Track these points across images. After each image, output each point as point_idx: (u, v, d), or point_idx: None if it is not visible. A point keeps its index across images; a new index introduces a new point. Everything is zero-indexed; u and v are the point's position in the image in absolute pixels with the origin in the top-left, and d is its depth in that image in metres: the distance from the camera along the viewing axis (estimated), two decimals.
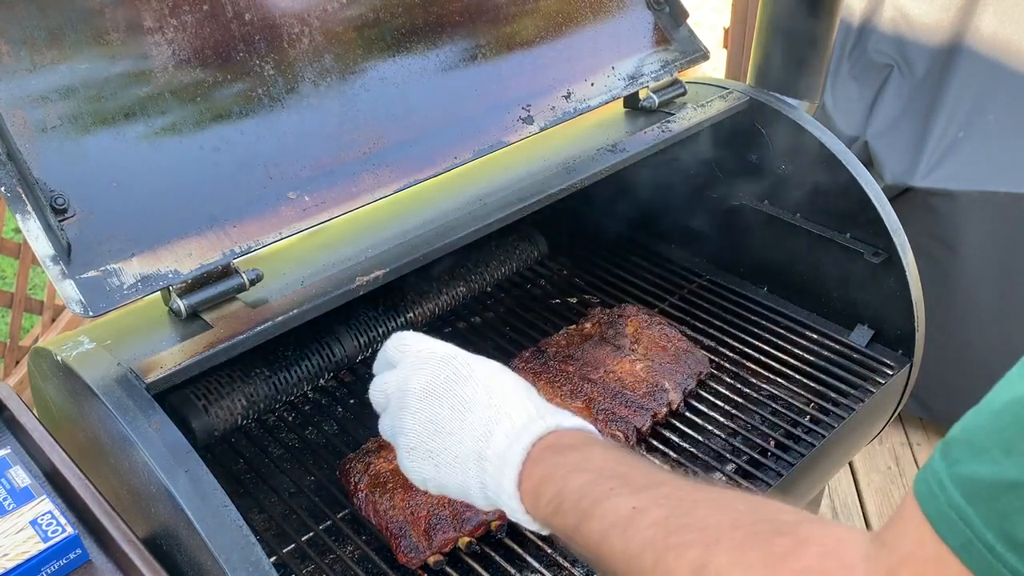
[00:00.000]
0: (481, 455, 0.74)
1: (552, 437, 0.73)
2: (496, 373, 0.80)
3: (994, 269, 2.20)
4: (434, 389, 0.79)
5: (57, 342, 0.94)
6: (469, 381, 0.78)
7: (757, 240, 1.61)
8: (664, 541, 0.61)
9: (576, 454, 0.71)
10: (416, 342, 0.83)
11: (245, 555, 0.78)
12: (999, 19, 2.26)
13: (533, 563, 1.08)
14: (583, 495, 0.67)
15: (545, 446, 0.72)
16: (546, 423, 0.74)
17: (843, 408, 1.34)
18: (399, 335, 0.85)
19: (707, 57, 1.48)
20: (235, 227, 0.96)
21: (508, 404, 0.76)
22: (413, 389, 0.79)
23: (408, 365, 0.82)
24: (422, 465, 0.79)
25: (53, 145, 0.88)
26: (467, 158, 1.15)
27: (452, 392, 0.78)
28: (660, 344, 1.36)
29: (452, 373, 0.79)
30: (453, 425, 0.76)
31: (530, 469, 0.72)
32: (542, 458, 0.72)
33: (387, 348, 0.85)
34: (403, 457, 0.81)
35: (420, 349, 0.82)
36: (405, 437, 0.80)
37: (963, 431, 0.51)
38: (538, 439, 0.73)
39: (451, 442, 0.76)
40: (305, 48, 1.07)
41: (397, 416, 0.80)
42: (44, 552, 0.81)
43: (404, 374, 0.81)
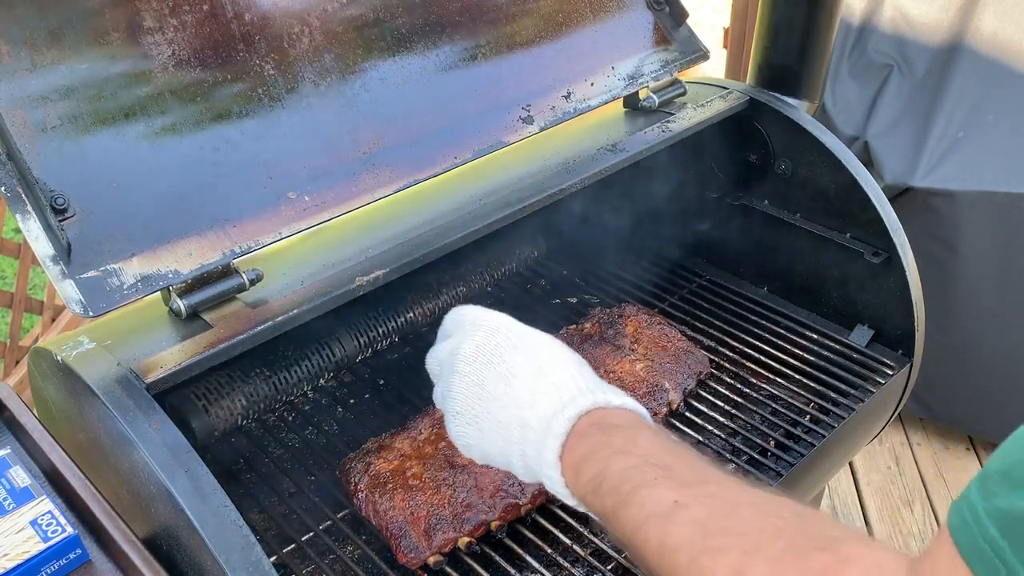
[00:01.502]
0: (524, 422, 0.74)
1: (599, 413, 0.72)
2: (548, 344, 0.80)
3: (994, 269, 2.20)
4: (483, 354, 0.79)
5: (57, 342, 0.94)
6: (519, 349, 0.78)
7: (757, 240, 1.61)
8: (703, 542, 0.60)
9: (622, 435, 0.70)
10: (472, 312, 0.85)
11: (245, 555, 0.78)
12: (999, 19, 2.26)
13: (533, 563, 1.08)
14: (624, 479, 0.66)
15: (591, 422, 0.71)
16: (595, 398, 0.73)
17: (843, 408, 1.34)
18: (457, 308, 0.87)
19: (707, 57, 1.48)
20: (235, 227, 0.96)
21: (556, 374, 0.75)
22: (463, 353, 0.80)
23: (461, 332, 0.82)
24: (467, 429, 0.79)
25: (53, 145, 0.88)
26: (467, 158, 1.15)
27: (501, 358, 0.78)
28: (660, 344, 1.36)
29: (503, 340, 0.79)
30: (499, 390, 0.76)
31: (574, 443, 0.71)
32: (587, 433, 0.71)
33: (445, 321, 0.87)
34: (449, 422, 0.81)
35: (475, 317, 0.83)
36: (452, 400, 0.80)
37: (1001, 463, 0.49)
38: (585, 412, 0.72)
39: (496, 407, 0.76)
40: (305, 48, 1.07)
41: (447, 381, 0.81)
42: (44, 552, 0.81)
43: (456, 340, 0.82)
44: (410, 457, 1.15)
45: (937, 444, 2.67)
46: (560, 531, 1.12)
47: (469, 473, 1.12)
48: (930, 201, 2.17)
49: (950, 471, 2.58)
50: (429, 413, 1.24)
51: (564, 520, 1.14)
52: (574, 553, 1.11)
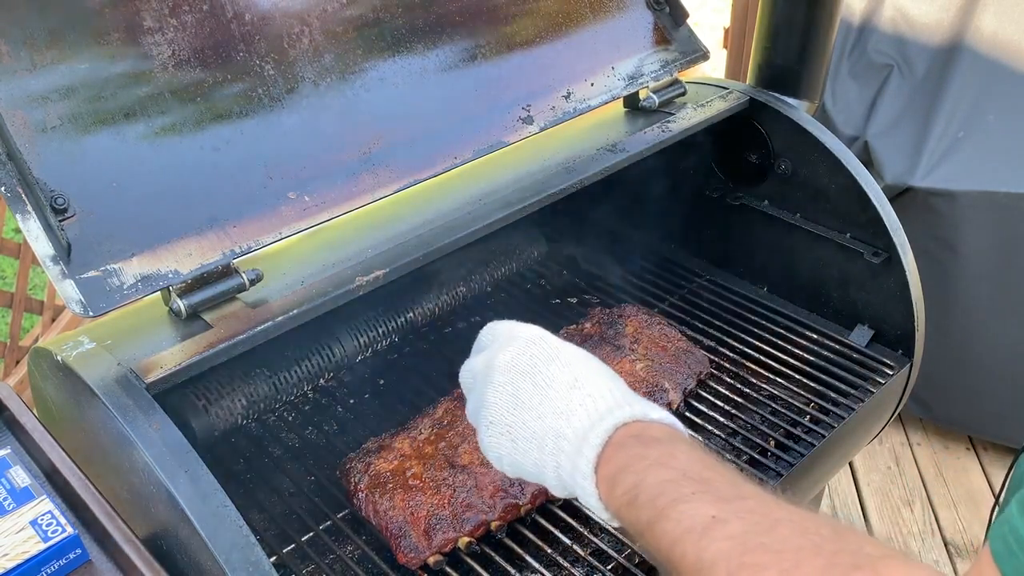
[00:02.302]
0: (559, 433, 0.73)
1: (636, 426, 0.71)
2: (584, 358, 0.79)
3: (994, 269, 2.20)
4: (519, 365, 0.78)
5: (57, 342, 0.94)
6: (555, 361, 0.77)
7: (757, 240, 1.61)
8: (739, 558, 0.59)
9: (660, 448, 0.69)
10: (506, 325, 0.84)
11: (245, 555, 0.78)
12: (999, 19, 2.27)
13: (533, 563, 1.08)
14: (661, 492, 0.65)
15: (628, 434, 0.71)
16: (631, 410, 0.72)
17: (843, 408, 1.34)
18: (492, 323, 0.86)
19: (707, 57, 1.48)
20: (235, 227, 0.96)
21: (592, 386, 0.75)
22: (498, 364, 0.79)
23: (496, 345, 0.82)
24: (500, 440, 0.78)
25: (53, 145, 0.88)
26: (467, 158, 1.15)
27: (536, 369, 0.77)
28: (660, 344, 1.36)
29: (539, 351, 0.78)
30: (534, 400, 0.75)
31: (609, 454, 0.70)
32: (624, 445, 0.70)
33: (480, 335, 0.86)
34: (482, 433, 0.80)
35: (510, 330, 0.83)
36: (486, 410, 0.79)
37: None
38: (621, 425, 0.71)
39: (530, 417, 0.75)
40: (305, 48, 1.07)
41: (481, 392, 0.80)
42: (44, 552, 0.81)
43: (491, 352, 0.81)
44: (410, 457, 1.15)
45: (937, 444, 2.67)
46: (560, 531, 1.12)
47: (469, 473, 1.12)
48: (930, 201, 2.17)
49: (950, 471, 2.58)
50: (429, 413, 1.24)
51: (564, 520, 1.14)
52: (574, 553, 1.11)
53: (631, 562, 1.09)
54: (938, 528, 2.41)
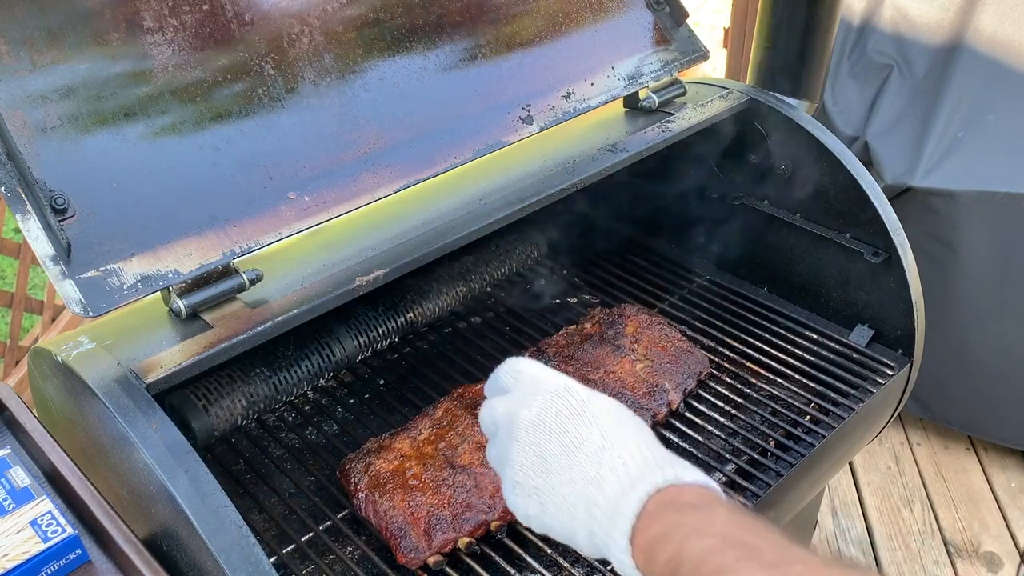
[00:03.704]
0: (591, 500, 0.70)
1: (671, 491, 0.68)
2: (612, 411, 0.75)
3: (994, 269, 2.20)
4: (545, 422, 0.74)
5: (57, 342, 0.94)
6: (583, 417, 0.74)
7: (757, 240, 1.61)
8: None
9: (698, 514, 0.66)
10: (530, 370, 0.80)
11: (245, 555, 0.78)
12: (999, 19, 2.26)
13: (533, 563, 1.08)
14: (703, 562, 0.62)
15: (663, 500, 0.67)
16: (664, 475, 0.69)
17: (843, 408, 1.34)
18: (514, 361, 0.81)
19: (707, 57, 1.48)
20: (235, 227, 0.96)
21: (623, 447, 0.71)
22: (523, 420, 0.75)
23: (520, 393, 0.78)
24: (527, 501, 0.75)
25: (53, 145, 0.88)
26: (467, 158, 1.15)
27: (563, 428, 0.73)
28: (660, 344, 1.36)
29: (565, 407, 0.75)
30: (562, 463, 0.72)
31: (645, 524, 0.67)
32: (659, 513, 0.67)
33: (500, 373, 0.82)
34: (508, 490, 0.77)
35: (534, 378, 0.78)
36: (511, 470, 0.75)
37: None
38: (655, 491, 0.68)
39: (559, 481, 0.72)
40: (305, 48, 1.07)
41: (505, 446, 0.76)
42: (44, 552, 0.81)
43: (515, 402, 0.77)
44: (410, 457, 1.15)
45: (937, 444, 2.67)
46: None
47: (469, 473, 1.12)
48: (930, 201, 2.17)
49: (950, 471, 2.58)
50: (429, 413, 1.24)
51: None
52: (574, 553, 1.11)
53: None
54: (938, 528, 2.41)
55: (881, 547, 2.36)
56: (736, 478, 1.20)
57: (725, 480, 1.21)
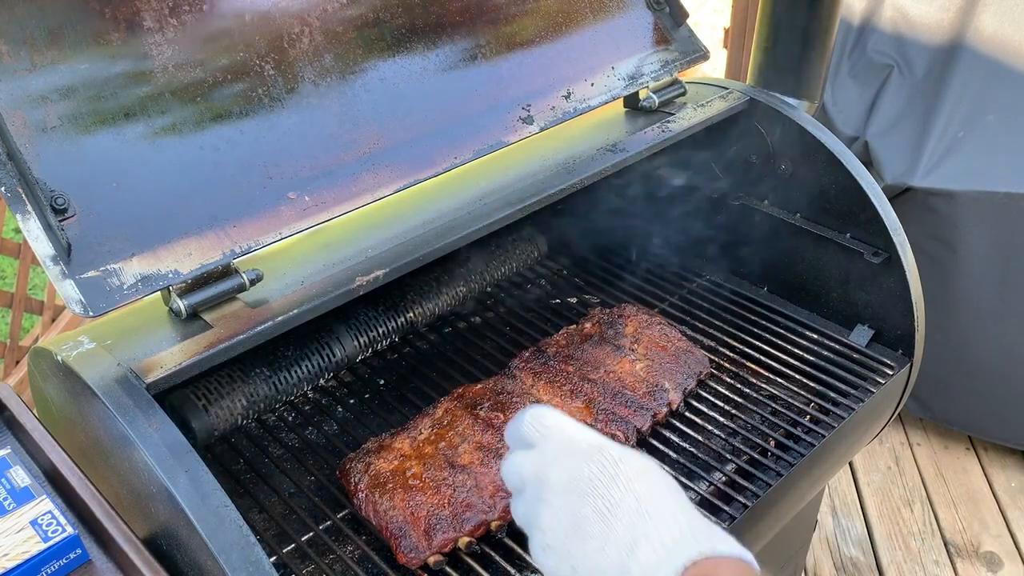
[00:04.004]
0: (625, 569, 0.68)
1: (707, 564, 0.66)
2: (646, 473, 0.73)
3: (994, 269, 2.20)
4: (578, 485, 0.72)
5: (57, 342, 0.94)
6: (617, 481, 0.71)
7: (757, 240, 1.61)
8: None
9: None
10: (558, 424, 0.77)
11: (245, 555, 0.78)
12: (999, 19, 2.26)
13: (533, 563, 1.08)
14: None
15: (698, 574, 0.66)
16: (700, 547, 0.67)
17: (843, 408, 1.34)
18: (539, 411, 0.78)
19: (707, 57, 1.48)
20: (235, 227, 0.96)
21: (658, 514, 0.69)
22: (554, 481, 0.73)
23: (549, 451, 0.75)
24: (558, 565, 0.73)
25: (53, 145, 0.88)
26: (467, 158, 1.15)
27: (597, 491, 0.71)
28: (660, 344, 1.36)
29: (598, 469, 0.72)
30: (595, 529, 0.70)
31: None
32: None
33: (524, 423, 0.78)
34: (537, 552, 0.75)
35: (563, 433, 0.76)
36: (541, 533, 0.73)
37: None
38: (691, 563, 0.66)
39: (592, 548, 0.70)
40: (305, 48, 1.07)
41: (534, 507, 0.74)
42: (44, 552, 0.81)
43: (544, 460, 0.75)
44: (410, 457, 1.15)
45: (937, 444, 2.67)
46: None
47: (469, 473, 1.12)
48: (930, 201, 2.17)
49: (950, 471, 2.58)
50: (429, 413, 1.24)
51: None
52: None
53: None
54: (938, 528, 2.41)
55: (881, 547, 2.36)
56: (736, 478, 1.20)
57: (725, 480, 1.21)
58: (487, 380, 1.31)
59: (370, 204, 1.06)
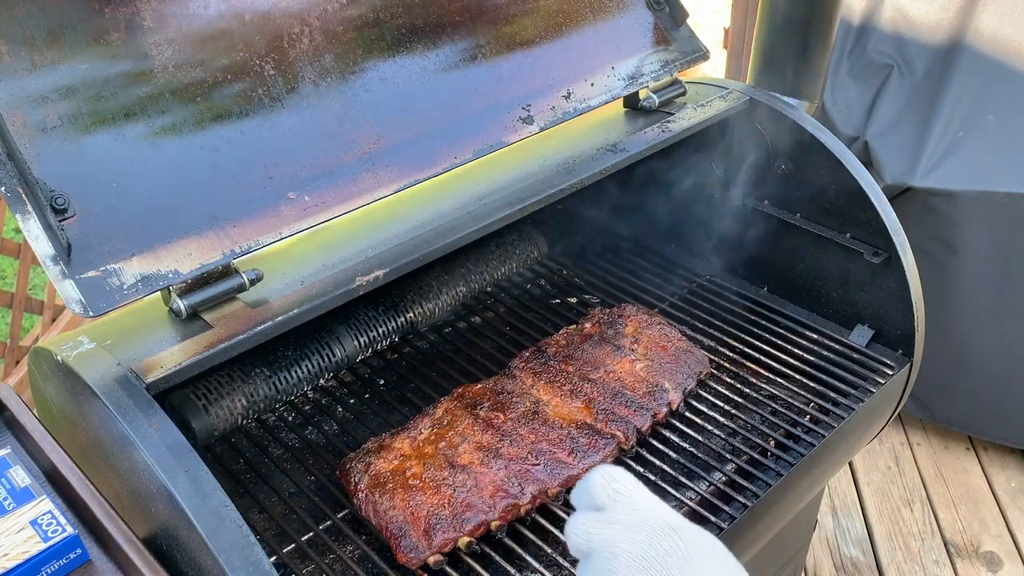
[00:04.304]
0: None
1: None
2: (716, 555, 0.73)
3: (994, 269, 2.20)
4: (648, 562, 0.72)
5: (57, 342, 0.94)
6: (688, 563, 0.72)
7: (757, 240, 1.61)
8: None
9: None
10: (632, 492, 0.77)
11: (245, 555, 0.78)
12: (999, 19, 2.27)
13: (533, 563, 1.08)
14: None
15: None
16: None
17: (843, 408, 1.34)
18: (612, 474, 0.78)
19: (707, 57, 1.48)
20: (235, 227, 0.96)
21: None
22: (625, 554, 0.73)
23: (621, 521, 0.75)
24: None
25: (53, 145, 0.88)
26: (467, 158, 1.15)
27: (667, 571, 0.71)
28: (660, 344, 1.36)
29: (671, 547, 0.72)
30: None
31: None
32: None
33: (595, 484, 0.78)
34: None
35: (636, 505, 0.76)
36: None
37: None
38: None
39: None
40: (305, 48, 1.07)
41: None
42: (44, 552, 0.81)
43: (616, 531, 0.75)
44: (410, 457, 1.15)
45: (937, 444, 2.67)
46: (560, 531, 1.12)
47: (469, 473, 1.12)
48: (930, 201, 2.17)
49: (950, 471, 2.58)
50: (429, 413, 1.24)
51: (564, 520, 1.13)
52: None
53: None
54: (938, 528, 2.41)
55: (881, 547, 2.36)
56: (736, 478, 1.20)
57: (725, 480, 1.21)
58: (487, 380, 1.31)
59: (370, 204, 1.06)
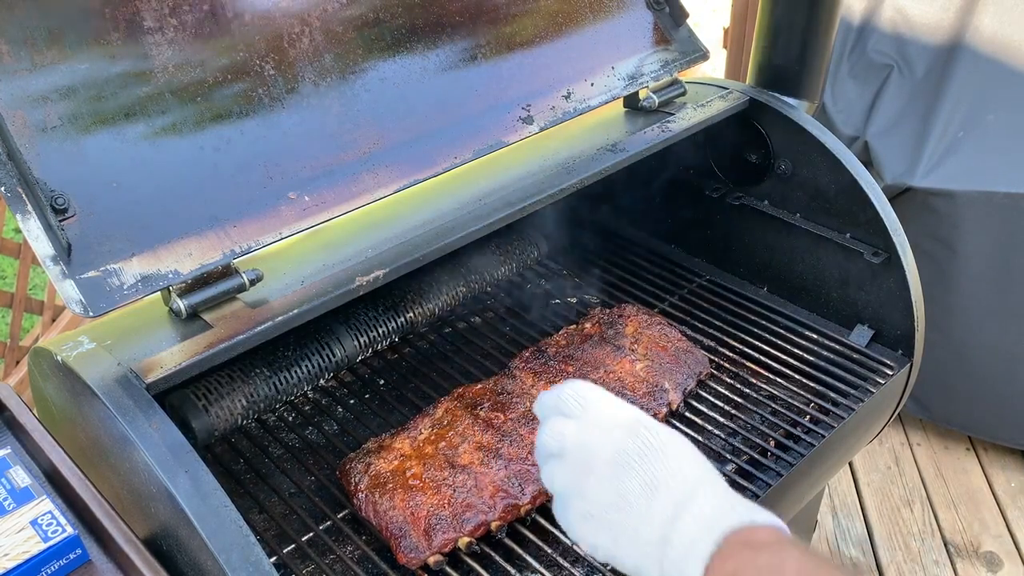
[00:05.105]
0: (666, 538, 0.71)
1: (745, 532, 0.69)
2: (687, 451, 0.76)
3: (994, 269, 2.20)
4: (624, 459, 0.75)
5: (57, 342, 0.94)
6: (661, 457, 0.75)
7: (757, 240, 1.61)
8: None
9: (770, 555, 0.67)
10: (600, 399, 0.80)
11: (245, 555, 0.78)
12: (999, 19, 2.26)
13: (533, 563, 1.08)
14: None
15: (737, 541, 0.68)
16: (739, 516, 0.70)
17: (843, 408, 1.34)
18: (579, 386, 0.81)
19: (707, 57, 1.48)
20: (235, 227, 0.96)
21: (700, 489, 0.72)
22: (602, 453, 0.75)
23: (593, 424, 0.78)
24: (597, 535, 0.75)
25: (53, 145, 0.88)
26: (467, 158, 1.15)
27: (644, 467, 0.74)
28: (660, 344, 1.36)
29: (644, 445, 0.75)
30: (640, 504, 0.73)
31: (719, 563, 0.68)
32: (732, 554, 0.68)
33: (562, 396, 0.81)
34: (574, 519, 0.77)
35: (606, 408, 0.79)
36: (584, 502, 0.76)
37: None
38: (730, 532, 0.69)
39: (637, 520, 0.73)
40: (305, 48, 1.07)
41: (578, 477, 0.76)
42: (44, 552, 0.81)
43: (589, 433, 0.77)
44: (410, 457, 1.15)
45: (937, 444, 2.67)
46: (560, 531, 1.12)
47: (469, 473, 1.12)
48: (930, 201, 2.17)
49: (950, 471, 2.58)
50: (429, 413, 1.24)
51: None
52: (574, 553, 1.11)
53: None
54: (938, 528, 2.41)
55: (881, 547, 2.36)
56: (736, 478, 1.20)
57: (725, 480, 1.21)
58: (487, 380, 1.31)
59: (370, 204, 1.06)
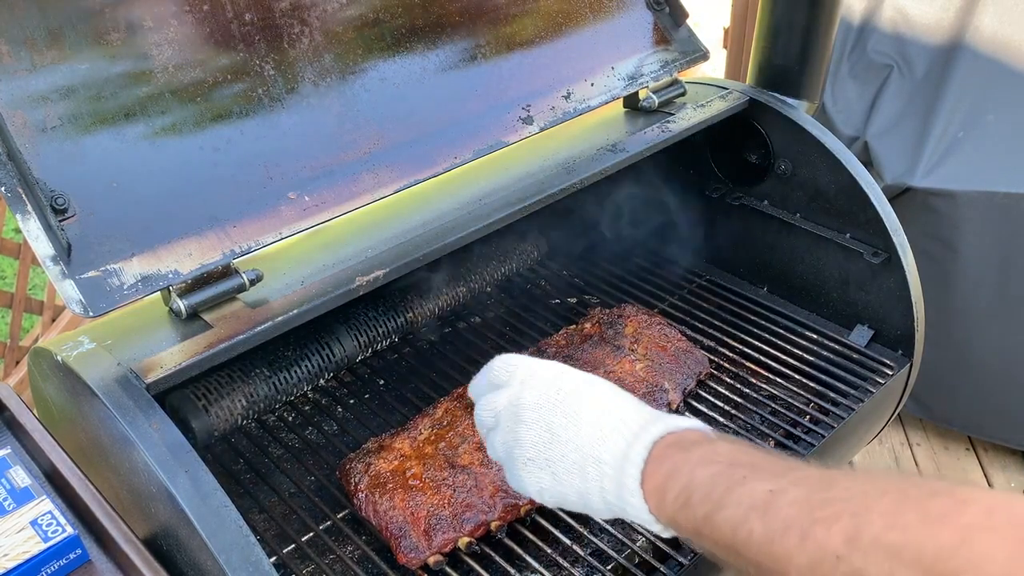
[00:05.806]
0: (599, 459, 0.75)
1: (671, 437, 0.73)
2: (606, 387, 0.81)
3: (994, 269, 2.20)
4: (547, 401, 0.79)
5: (57, 342, 0.94)
6: (581, 393, 0.80)
7: (757, 240, 1.61)
8: (809, 516, 0.59)
9: (701, 448, 0.70)
10: (523, 361, 0.84)
11: (245, 555, 0.78)
12: (999, 19, 2.26)
13: (533, 563, 1.08)
14: (714, 485, 0.66)
15: (667, 444, 0.72)
16: (665, 424, 0.74)
17: (843, 408, 1.34)
18: (506, 358, 0.86)
19: (707, 57, 1.48)
20: (235, 227, 0.96)
21: (622, 411, 0.77)
22: (526, 402, 0.80)
23: (518, 382, 0.82)
24: (540, 476, 0.79)
25: (53, 145, 0.88)
26: (467, 158, 1.15)
27: (565, 402, 0.79)
28: (660, 344, 1.36)
29: (565, 385, 0.80)
30: (568, 433, 0.77)
31: (653, 468, 0.72)
32: (665, 455, 0.72)
33: (493, 370, 0.86)
34: (519, 469, 0.81)
35: (529, 368, 0.83)
36: (521, 448, 0.80)
37: None
38: (659, 438, 0.73)
39: (568, 449, 0.77)
40: (305, 48, 1.07)
41: (511, 430, 0.81)
42: (44, 552, 0.81)
43: (515, 390, 0.82)
44: (410, 457, 1.15)
45: (937, 444, 2.67)
46: (560, 531, 1.12)
47: (469, 473, 1.12)
48: (930, 201, 2.17)
49: (950, 471, 2.58)
50: (429, 413, 1.24)
51: (564, 520, 1.14)
52: (574, 553, 1.11)
53: (631, 562, 1.09)
54: None
55: None
56: None
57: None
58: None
59: (370, 204, 1.06)
